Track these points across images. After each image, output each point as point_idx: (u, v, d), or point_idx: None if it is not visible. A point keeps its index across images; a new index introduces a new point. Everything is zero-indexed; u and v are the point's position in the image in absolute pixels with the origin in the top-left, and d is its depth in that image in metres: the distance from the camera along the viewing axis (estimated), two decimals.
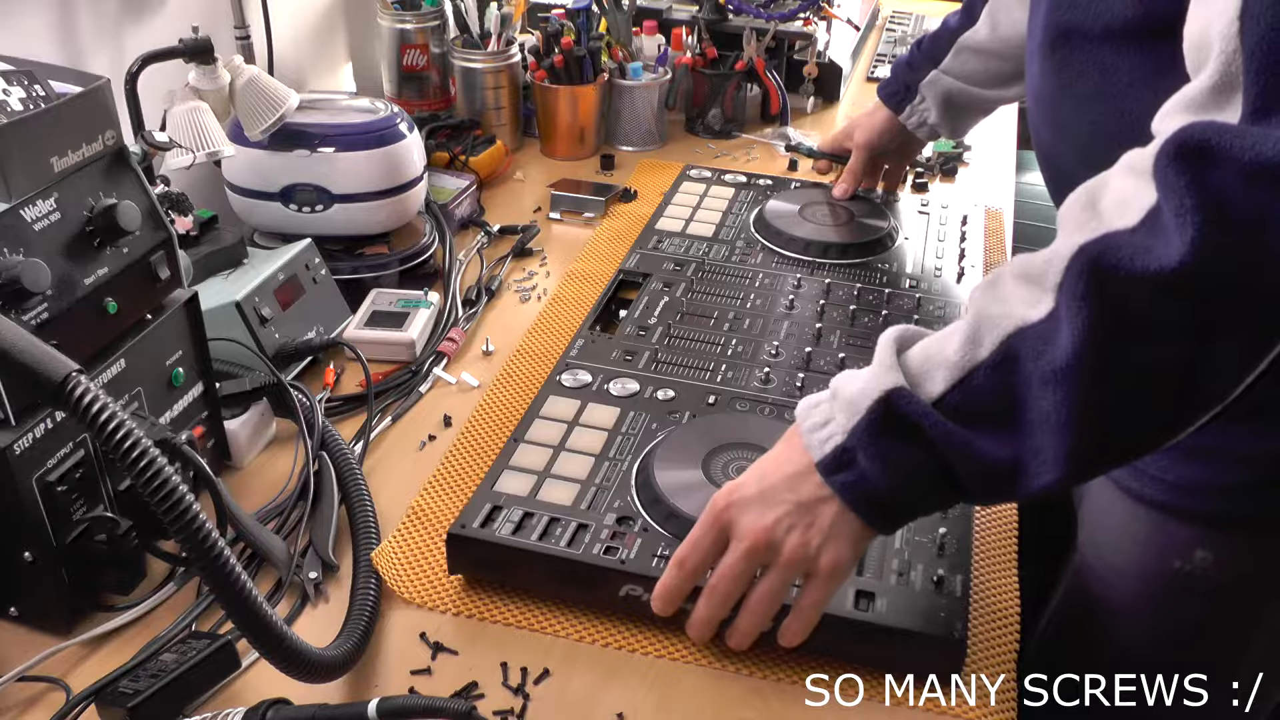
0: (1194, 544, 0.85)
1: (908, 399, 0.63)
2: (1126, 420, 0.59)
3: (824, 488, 0.66)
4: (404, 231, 1.22)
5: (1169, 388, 0.58)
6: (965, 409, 0.62)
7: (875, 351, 0.66)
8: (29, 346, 0.56)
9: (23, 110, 0.70)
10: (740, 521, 0.68)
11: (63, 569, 0.73)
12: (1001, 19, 1.14)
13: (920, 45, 1.23)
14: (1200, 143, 0.54)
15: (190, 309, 0.85)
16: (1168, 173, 0.55)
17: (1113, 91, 0.76)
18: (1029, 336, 0.59)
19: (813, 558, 0.67)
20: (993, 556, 0.84)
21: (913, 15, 2.15)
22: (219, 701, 0.71)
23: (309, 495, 0.87)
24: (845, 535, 0.66)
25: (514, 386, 1.02)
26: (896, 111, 1.25)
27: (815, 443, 0.66)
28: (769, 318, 1.07)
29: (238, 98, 1.09)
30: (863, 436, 0.64)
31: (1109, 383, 0.57)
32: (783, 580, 0.68)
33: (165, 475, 0.55)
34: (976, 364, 0.61)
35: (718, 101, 1.60)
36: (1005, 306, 0.61)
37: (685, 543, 0.71)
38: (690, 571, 0.71)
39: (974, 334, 0.62)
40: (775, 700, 0.73)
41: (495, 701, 0.72)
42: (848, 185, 1.29)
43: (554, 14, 1.53)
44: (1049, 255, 0.60)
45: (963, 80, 1.20)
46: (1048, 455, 0.59)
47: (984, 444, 0.61)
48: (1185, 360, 0.57)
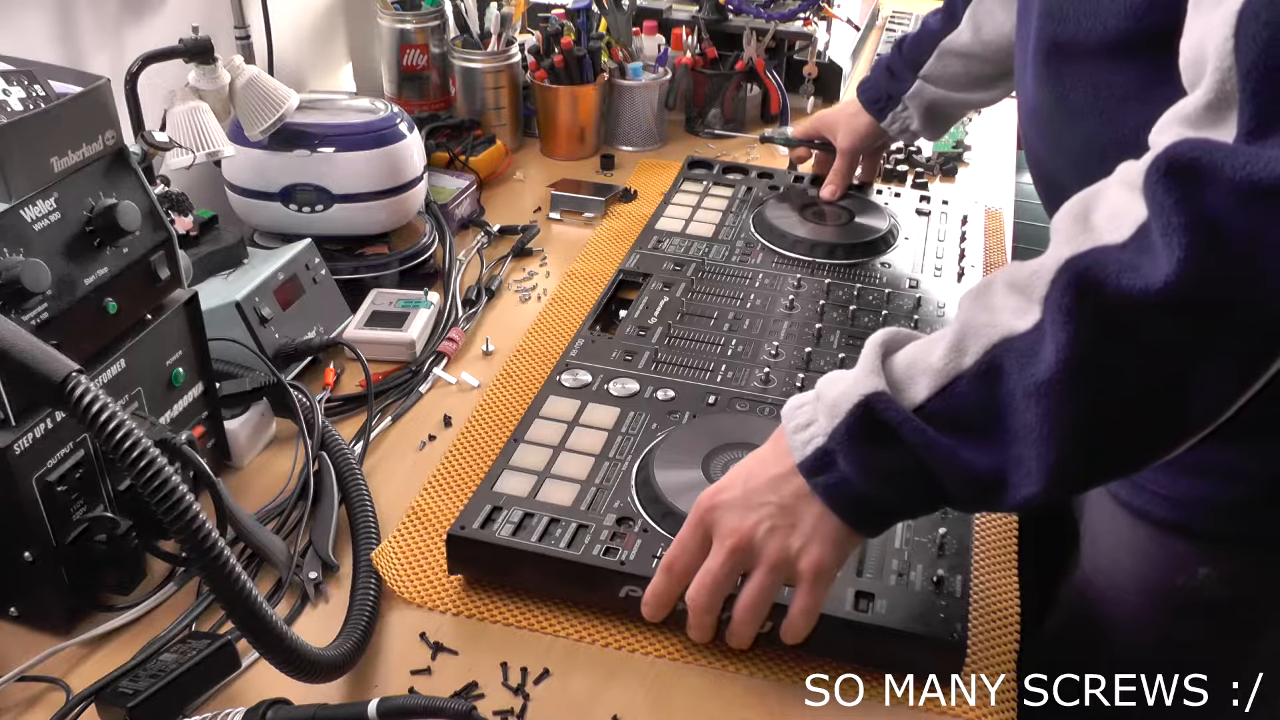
0: (1196, 561, 0.84)
1: (887, 404, 0.62)
2: (1112, 436, 0.59)
3: (805, 489, 0.66)
4: (404, 231, 1.22)
5: (1156, 405, 0.57)
6: (947, 417, 0.61)
7: (861, 354, 0.66)
8: (29, 346, 0.56)
9: (23, 110, 0.70)
10: (722, 523, 0.68)
11: (63, 569, 0.73)
12: (984, 21, 1.14)
13: (901, 48, 1.23)
14: (1190, 160, 0.54)
15: (190, 309, 0.85)
16: (1157, 189, 0.55)
17: (1106, 105, 0.76)
18: (1014, 348, 0.59)
19: (793, 560, 0.67)
20: (993, 557, 0.84)
21: (913, 15, 2.14)
22: (219, 701, 0.71)
23: (309, 495, 0.87)
24: (827, 537, 0.66)
25: (514, 386, 1.02)
26: (879, 119, 1.26)
27: (798, 444, 0.66)
28: (769, 318, 1.07)
29: (238, 98, 1.09)
30: (842, 440, 0.64)
31: (1093, 398, 0.57)
32: (768, 581, 0.68)
33: (165, 475, 0.55)
34: (960, 372, 0.61)
35: (718, 101, 1.60)
36: (992, 316, 0.61)
37: (672, 546, 0.71)
38: (678, 575, 0.71)
39: (959, 342, 0.61)
40: (775, 700, 0.72)
41: (495, 701, 0.72)
42: (835, 187, 1.30)
43: (554, 14, 1.53)
44: (1037, 266, 0.59)
45: (944, 86, 1.21)
46: (1030, 467, 0.58)
47: (966, 453, 0.61)
48: (1173, 378, 0.56)
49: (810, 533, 0.66)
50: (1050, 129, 0.84)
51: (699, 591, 0.70)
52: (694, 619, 0.71)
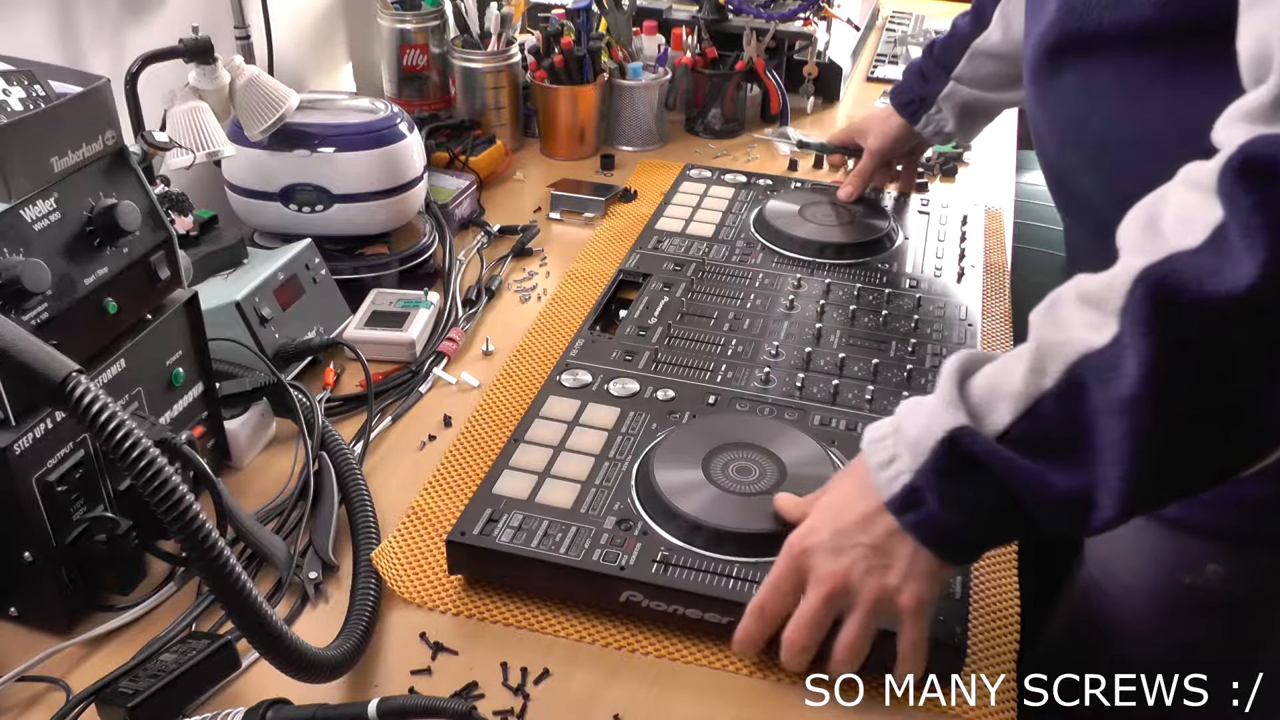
0: (1204, 558, 0.84)
1: (972, 438, 0.61)
2: (1196, 450, 0.57)
3: (895, 527, 0.66)
4: (404, 231, 1.22)
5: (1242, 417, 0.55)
6: (1031, 440, 0.60)
7: (938, 382, 0.65)
8: (29, 346, 0.56)
9: (23, 110, 0.70)
10: (818, 568, 0.68)
11: (63, 569, 0.73)
12: (1014, 21, 1.14)
13: (931, 52, 1.23)
14: (1267, 158, 0.52)
15: (190, 309, 0.85)
16: (1235, 189, 0.53)
17: (1123, 97, 0.75)
18: (1094, 364, 0.57)
19: (892, 598, 0.67)
20: (993, 558, 0.84)
21: (913, 15, 2.14)
22: (219, 701, 0.71)
23: (309, 495, 0.87)
24: (922, 572, 0.66)
25: (514, 386, 1.02)
26: (912, 121, 1.25)
27: (883, 481, 0.66)
28: (769, 318, 1.07)
29: (238, 98, 1.09)
30: (929, 476, 0.63)
31: (1178, 411, 0.55)
32: (867, 623, 0.68)
33: (165, 475, 0.55)
34: (1042, 393, 0.59)
35: (718, 101, 1.60)
36: (1067, 333, 0.59)
37: (764, 588, 0.71)
38: (771, 617, 0.71)
39: (1038, 363, 0.60)
40: (775, 700, 0.72)
41: (495, 701, 0.72)
42: (854, 188, 1.29)
43: (554, 14, 1.53)
44: (1109, 279, 0.57)
45: (978, 86, 1.20)
46: (1113, 486, 0.57)
47: (1052, 476, 0.59)
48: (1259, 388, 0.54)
49: (906, 570, 0.66)
50: (1063, 124, 0.84)
51: (797, 634, 0.69)
52: (789, 658, 0.71)
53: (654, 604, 0.75)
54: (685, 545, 0.77)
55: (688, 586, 0.74)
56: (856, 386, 0.96)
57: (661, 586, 0.74)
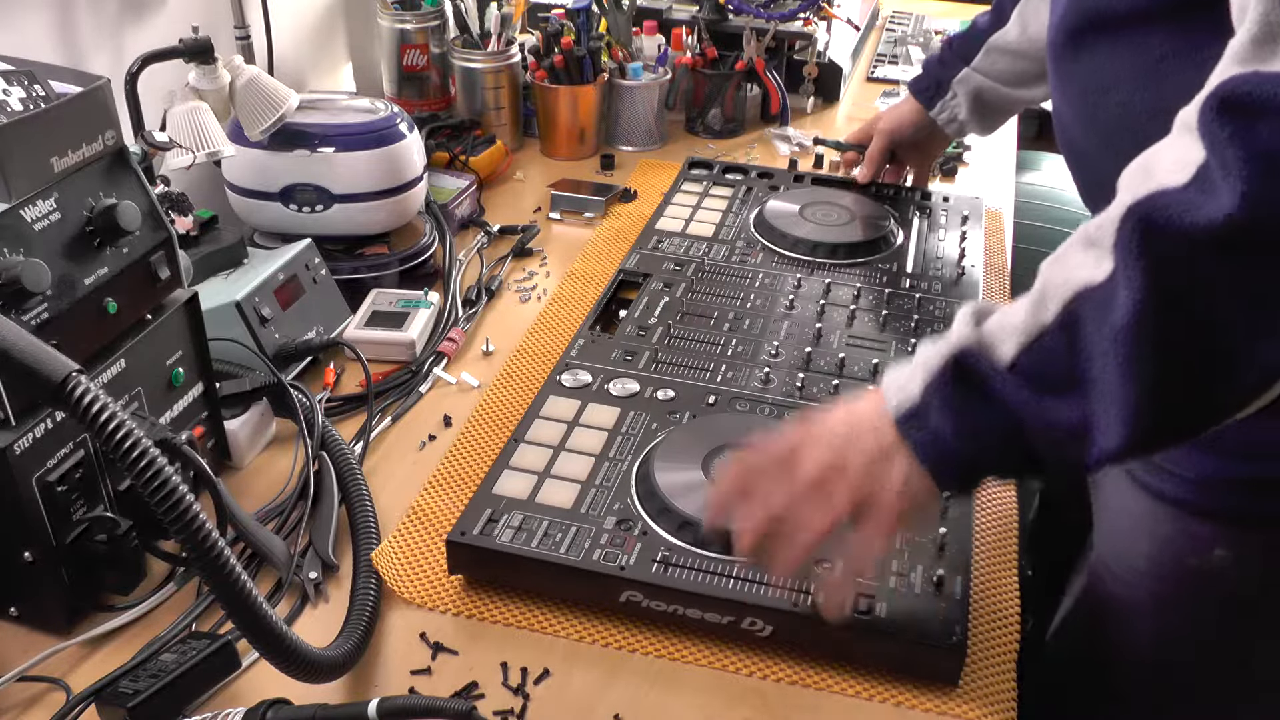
0: (1213, 542, 0.84)
1: (976, 357, 0.63)
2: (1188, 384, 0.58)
3: (896, 439, 0.66)
4: (404, 231, 1.22)
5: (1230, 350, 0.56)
6: (1034, 372, 0.62)
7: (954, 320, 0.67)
8: (29, 346, 0.56)
9: (23, 110, 0.70)
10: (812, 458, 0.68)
11: (63, 569, 0.73)
12: (1031, 20, 1.15)
13: (951, 44, 1.25)
14: (1243, 95, 0.53)
15: (190, 309, 0.85)
16: (1212, 126, 0.54)
17: (1139, 72, 0.76)
18: (1091, 298, 0.59)
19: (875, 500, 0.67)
20: (993, 557, 0.84)
21: (913, 15, 2.14)
22: (219, 701, 0.71)
23: (309, 495, 0.87)
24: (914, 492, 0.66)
25: (514, 386, 1.02)
26: (928, 107, 1.27)
27: (892, 395, 0.67)
28: (769, 318, 1.07)
29: (238, 98, 1.09)
30: (935, 392, 0.65)
31: (1167, 342, 0.56)
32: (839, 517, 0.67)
33: (165, 475, 0.55)
34: (1043, 327, 0.61)
35: (718, 101, 1.60)
36: (1068, 271, 0.61)
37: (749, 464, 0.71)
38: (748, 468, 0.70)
39: (1040, 299, 0.62)
40: (775, 700, 0.73)
41: (495, 701, 0.72)
42: (868, 170, 1.31)
43: (554, 14, 1.53)
44: (1103, 218, 0.59)
45: (993, 79, 1.22)
46: (1111, 417, 0.58)
47: (1052, 406, 0.61)
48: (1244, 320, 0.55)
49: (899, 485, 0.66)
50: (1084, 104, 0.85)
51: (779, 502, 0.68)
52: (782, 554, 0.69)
53: (654, 604, 0.75)
54: (685, 545, 0.77)
55: (688, 586, 0.74)
56: (856, 386, 0.96)
57: (661, 586, 0.74)
